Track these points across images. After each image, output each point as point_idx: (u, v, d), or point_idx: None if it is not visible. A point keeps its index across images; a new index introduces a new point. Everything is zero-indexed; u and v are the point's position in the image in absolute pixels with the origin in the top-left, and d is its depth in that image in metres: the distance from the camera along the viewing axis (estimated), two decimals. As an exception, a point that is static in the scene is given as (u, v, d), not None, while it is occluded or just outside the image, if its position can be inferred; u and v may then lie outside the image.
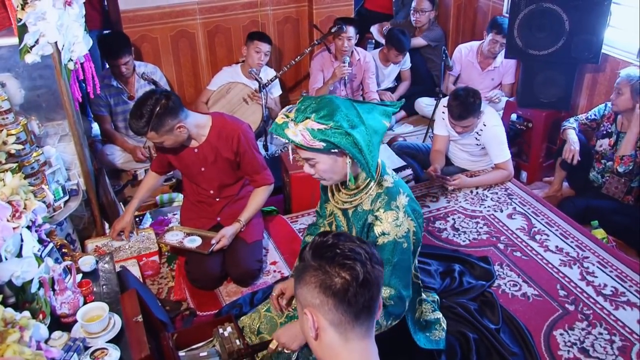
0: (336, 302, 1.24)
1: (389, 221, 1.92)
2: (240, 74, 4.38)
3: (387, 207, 1.94)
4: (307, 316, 1.28)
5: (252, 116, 4.20)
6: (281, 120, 1.86)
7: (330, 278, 1.24)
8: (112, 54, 3.88)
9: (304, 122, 1.81)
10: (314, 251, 1.29)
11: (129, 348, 1.91)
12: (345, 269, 1.25)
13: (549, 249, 3.10)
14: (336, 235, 1.32)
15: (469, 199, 3.59)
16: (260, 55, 4.25)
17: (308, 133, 1.80)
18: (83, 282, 2.17)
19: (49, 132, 2.86)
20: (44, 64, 2.55)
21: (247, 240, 2.89)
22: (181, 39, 4.54)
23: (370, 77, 4.67)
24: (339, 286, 1.24)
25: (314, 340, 1.29)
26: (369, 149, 1.82)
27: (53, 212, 2.65)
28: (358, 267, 1.25)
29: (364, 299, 1.25)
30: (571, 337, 2.52)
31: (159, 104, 2.55)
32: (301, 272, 1.30)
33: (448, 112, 3.56)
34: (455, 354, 2.36)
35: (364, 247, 1.31)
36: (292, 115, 1.84)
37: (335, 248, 1.28)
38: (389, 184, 2.00)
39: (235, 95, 4.26)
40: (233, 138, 2.78)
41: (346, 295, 1.23)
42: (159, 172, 3.06)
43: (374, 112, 1.90)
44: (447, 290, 2.72)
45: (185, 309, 2.75)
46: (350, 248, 1.28)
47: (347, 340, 1.26)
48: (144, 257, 2.96)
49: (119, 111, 4.07)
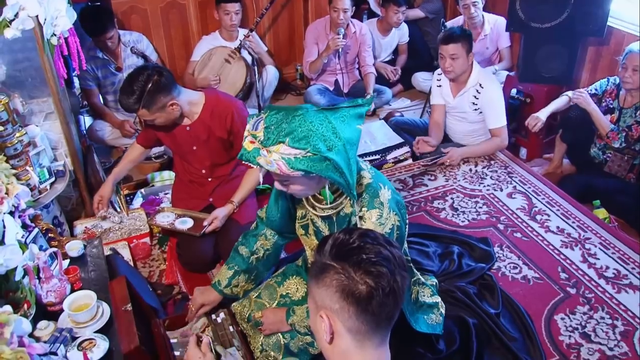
0: (358, 310, 1.15)
1: (372, 220, 1.83)
2: (219, 40, 4.36)
3: (370, 205, 1.84)
4: (322, 319, 1.19)
5: (237, 73, 4.21)
6: (251, 147, 1.66)
7: (355, 284, 1.14)
8: (95, 31, 3.76)
9: (276, 147, 1.61)
10: (337, 250, 1.19)
11: (118, 338, 1.85)
12: (371, 276, 1.14)
13: (550, 230, 3.03)
14: (362, 235, 1.21)
15: (467, 177, 3.51)
16: (231, 16, 4.23)
17: (284, 163, 1.61)
18: (70, 268, 2.10)
19: (34, 110, 2.76)
20: (25, 38, 2.43)
21: (241, 221, 2.81)
22: (171, 10, 4.40)
23: (366, 50, 4.54)
24: (364, 294, 1.14)
25: (328, 344, 1.21)
26: (349, 168, 1.68)
27: (38, 195, 2.56)
28: (385, 276, 1.15)
29: (388, 309, 1.17)
30: (572, 322, 2.48)
31: (151, 80, 2.45)
32: (320, 271, 1.19)
33: (440, 42, 3.49)
34: (454, 339, 2.31)
35: (393, 252, 1.20)
36: (260, 135, 1.64)
37: (362, 251, 1.17)
38: (368, 179, 1.87)
39: (217, 59, 4.23)
40: (227, 116, 2.68)
41: (370, 304, 1.15)
42: (145, 145, 2.96)
43: (348, 120, 1.72)
44: (446, 273, 2.66)
45: (177, 292, 2.69)
46: (378, 252, 1.18)
47: (363, 348, 1.19)
48: (134, 238, 2.89)
49: (108, 84, 3.97)
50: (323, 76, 4.56)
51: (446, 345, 2.28)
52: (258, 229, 2.24)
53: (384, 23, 4.70)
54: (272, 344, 2.11)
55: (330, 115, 1.70)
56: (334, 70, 4.48)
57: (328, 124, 1.66)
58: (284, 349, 2.11)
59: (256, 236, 2.23)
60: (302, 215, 2.07)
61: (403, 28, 4.81)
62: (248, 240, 2.23)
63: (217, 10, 4.25)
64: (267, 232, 2.22)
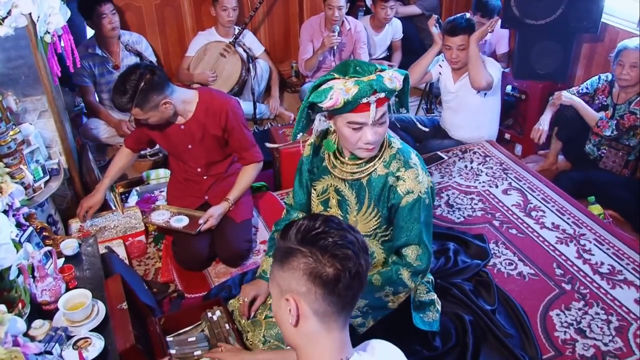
0: (325, 292, 1.18)
1: (411, 178, 1.94)
2: (215, 36, 4.33)
3: (406, 165, 1.95)
4: (289, 302, 1.21)
5: (233, 67, 4.21)
6: (367, 79, 1.76)
7: (322, 267, 1.17)
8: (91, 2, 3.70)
9: (382, 71, 1.79)
10: (303, 235, 1.21)
11: (113, 337, 1.84)
12: (338, 259, 1.18)
13: (545, 226, 3.04)
14: (326, 221, 1.24)
15: (463, 174, 3.52)
16: (228, 12, 4.18)
17: (398, 73, 1.82)
18: (65, 267, 2.09)
19: (28, 108, 2.74)
20: (18, 36, 2.41)
21: (236, 219, 2.81)
22: (166, 7, 4.38)
23: (361, 47, 4.53)
24: (331, 277, 1.17)
25: (293, 326, 1.22)
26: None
27: (33, 194, 2.54)
28: (351, 258, 1.19)
29: (353, 292, 1.21)
30: (568, 318, 2.48)
31: (144, 79, 2.44)
32: (285, 255, 1.22)
33: (445, 34, 3.53)
34: (450, 336, 2.32)
35: (357, 236, 1.24)
36: (361, 70, 1.78)
37: (328, 235, 1.20)
38: (399, 144, 2.00)
39: (212, 54, 4.23)
40: (221, 114, 2.67)
41: (337, 286, 1.18)
42: (134, 149, 2.93)
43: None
44: (442, 270, 2.66)
45: (173, 291, 2.68)
46: (343, 235, 1.21)
47: (330, 330, 1.22)
48: (130, 237, 2.87)
49: (104, 82, 3.95)
50: (318, 73, 4.54)
51: (442, 341, 2.29)
52: (289, 215, 2.31)
53: (376, 20, 4.68)
54: (274, 334, 2.11)
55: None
56: (329, 68, 4.47)
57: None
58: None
59: (288, 221, 2.26)
60: (322, 189, 2.12)
61: (396, 24, 4.78)
62: (281, 227, 2.27)
63: (215, 6, 4.21)
64: (300, 215, 2.26)
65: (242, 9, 4.54)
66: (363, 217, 2.04)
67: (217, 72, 4.16)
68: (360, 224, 2.06)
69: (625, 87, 3.27)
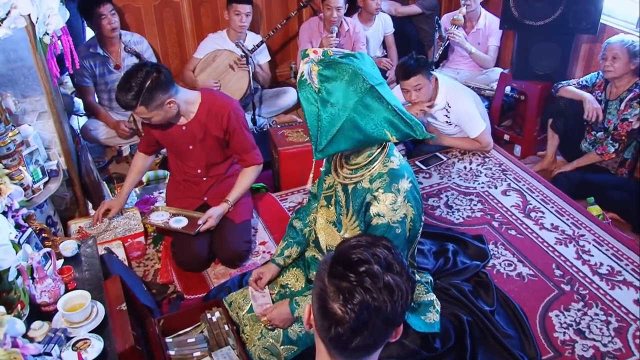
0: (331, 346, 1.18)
1: (386, 203, 1.86)
2: (226, 40, 4.26)
3: (387, 188, 1.87)
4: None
5: (239, 83, 4.13)
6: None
7: (332, 307, 1.13)
8: (90, 3, 3.69)
9: None
10: (333, 260, 1.17)
11: (112, 338, 1.84)
12: (347, 304, 1.12)
13: (544, 227, 3.04)
14: (369, 248, 1.17)
15: (462, 175, 3.52)
16: (241, 17, 4.12)
17: None
18: (64, 268, 2.08)
19: (27, 109, 2.74)
20: (18, 37, 2.41)
21: (235, 220, 2.81)
22: (165, 8, 4.38)
23: (360, 48, 4.52)
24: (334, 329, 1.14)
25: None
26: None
27: (32, 195, 2.54)
28: (358, 309, 1.11)
29: (359, 344, 1.14)
30: (567, 319, 2.48)
31: (150, 77, 2.44)
32: (319, 271, 1.20)
33: (399, 79, 3.52)
34: (449, 337, 2.31)
35: (395, 279, 1.15)
36: None
37: (357, 275, 1.13)
38: (395, 165, 1.92)
39: (221, 62, 4.16)
40: (223, 115, 2.68)
41: (340, 340, 1.14)
42: (147, 152, 2.97)
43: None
44: (441, 270, 2.65)
45: (172, 292, 2.68)
46: (373, 274, 1.12)
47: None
48: (129, 238, 2.87)
49: (104, 82, 3.93)
50: (318, 74, 4.52)
51: (441, 342, 2.28)
52: (310, 204, 2.32)
53: (364, 13, 4.63)
54: (272, 334, 2.12)
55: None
56: (329, 68, 4.45)
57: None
58: (283, 337, 2.12)
59: (309, 209, 2.31)
60: (329, 185, 2.12)
61: (385, 18, 4.69)
62: (301, 214, 2.32)
63: (228, 10, 4.15)
64: (323, 196, 2.24)
65: (256, 17, 4.47)
66: (349, 223, 2.03)
67: (221, 82, 4.11)
68: (349, 231, 2.05)
69: (612, 79, 3.31)
